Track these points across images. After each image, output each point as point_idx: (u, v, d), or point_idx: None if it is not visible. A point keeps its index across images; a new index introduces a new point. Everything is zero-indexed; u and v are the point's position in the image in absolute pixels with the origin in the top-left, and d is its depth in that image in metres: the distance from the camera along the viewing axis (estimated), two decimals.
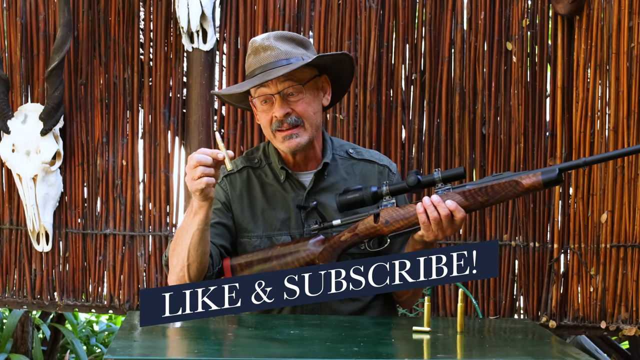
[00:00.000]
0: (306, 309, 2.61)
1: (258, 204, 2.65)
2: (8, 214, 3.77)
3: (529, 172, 2.40)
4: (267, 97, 2.57)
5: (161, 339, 2.20)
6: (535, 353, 2.12)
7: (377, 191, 2.48)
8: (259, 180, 2.67)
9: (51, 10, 3.72)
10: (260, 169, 2.69)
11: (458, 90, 3.64)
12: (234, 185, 2.68)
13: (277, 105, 2.56)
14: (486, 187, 2.42)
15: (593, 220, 3.59)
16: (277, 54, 2.58)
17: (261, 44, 2.59)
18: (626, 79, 3.55)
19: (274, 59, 2.57)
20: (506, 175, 2.42)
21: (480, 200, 2.43)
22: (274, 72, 2.54)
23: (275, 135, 2.59)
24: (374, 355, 2.03)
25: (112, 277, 3.75)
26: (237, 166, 2.70)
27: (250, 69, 2.60)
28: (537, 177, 2.39)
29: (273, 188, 2.65)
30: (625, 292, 3.57)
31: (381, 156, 2.77)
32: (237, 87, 2.65)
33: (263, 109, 2.59)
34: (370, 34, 3.64)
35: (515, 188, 2.40)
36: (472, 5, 3.64)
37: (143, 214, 3.75)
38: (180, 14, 3.57)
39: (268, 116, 2.58)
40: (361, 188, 2.49)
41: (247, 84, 2.59)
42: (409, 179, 2.45)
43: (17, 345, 4.70)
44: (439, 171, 2.45)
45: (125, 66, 3.73)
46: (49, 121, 3.61)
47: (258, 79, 2.55)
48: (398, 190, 2.49)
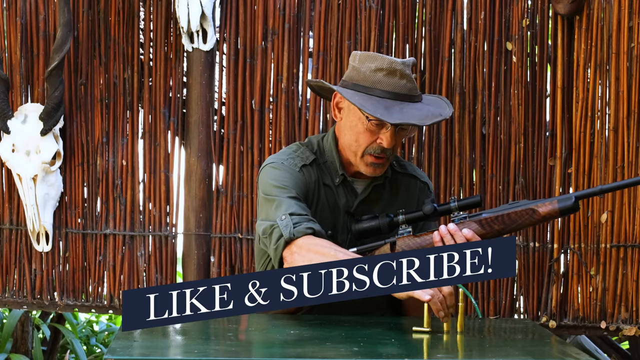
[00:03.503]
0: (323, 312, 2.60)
1: (320, 201, 2.64)
2: (8, 214, 3.77)
3: (545, 200, 2.44)
4: (384, 124, 2.55)
5: (161, 339, 2.20)
6: (535, 353, 2.12)
7: (393, 219, 2.49)
8: (320, 177, 2.66)
9: (51, 10, 3.72)
10: (323, 166, 2.68)
11: (458, 90, 3.64)
12: (306, 176, 2.63)
13: (390, 135, 2.53)
14: (502, 215, 2.44)
15: (593, 220, 3.59)
16: (412, 87, 2.58)
17: (402, 70, 2.55)
18: (626, 79, 3.54)
19: (408, 92, 2.56)
20: (522, 204, 2.44)
21: (497, 229, 2.44)
22: (426, 119, 2.51)
23: (365, 156, 2.57)
24: (374, 355, 2.03)
25: (112, 277, 3.75)
26: (307, 158, 2.67)
27: (377, 85, 2.55)
28: (554, 205, 2.41)
29: (328, 189, 2.65)
30: (625, 292, 3.57)
31: (421, 172, 2.80)
32: (374, 108, 2.52)
33: (370, 129, 2.55)
34: (370, 34, 3.64)
35: (532, 216, 2.43)
36: (472, 5, 3.64)
37: (143, 214, 3.75)
38: (180, 14, 3.57)
39: (372, 137, 2.55)
40: (377, 216, 2.50)
41: (396, 117, 2.49)
42: (425, 208, 2.47)
43: (17, 345, 4.70)
44: (455, 199, 2.47)
45: (125, 66, 3.73)
46: (49, 121, 3.61)
47: (403, 114, 2.49)
48: (414, 219, 2.50)
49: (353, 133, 2.58)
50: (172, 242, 3.73)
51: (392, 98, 2.53)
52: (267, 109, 3.66)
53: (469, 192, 3.65)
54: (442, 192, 3.65)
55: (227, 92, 3.71)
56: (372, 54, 2.61)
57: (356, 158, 2.59)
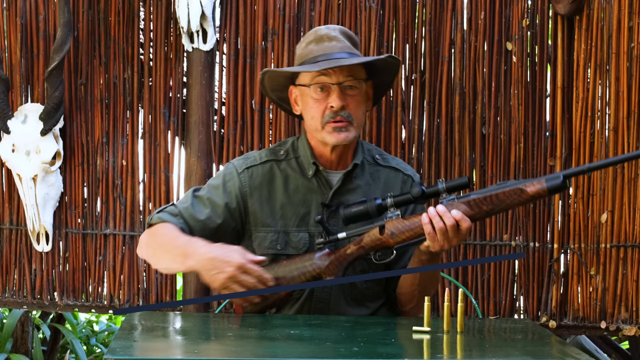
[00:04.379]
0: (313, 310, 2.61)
1: (278, 199, 2.64)
2: (8, 214, 3.77)
3: (533, 179, 2.41)
4: (325, 85, 2.56)
5: (161, 339, 2.20)
6: (535, 353, 2.12)
7: (381, 203, 2.48)
8: (283, 174, 2.66)
9: (51, 10, 3.72)
10: (286, 162, 2.67)
11: (458, 90, 3.64)
12: (254, 177, 2.65)
13: (336, 96, 2.55)
14: (491, 195, 2.43)
15: (593, 220, 3.59)
16: (343, 46, 2.58)
17: (327, 33, 2.59)
18: (626, 79, 3.54)
19: (339, 50, 2.57)
20: (510, 184, 2.42)
21: (486, 209, 2.43)
22: (345, 61, 2.53)
23: (325, 126, 2.58)
24: (374, 355, 2.03)
25: (112, 277, 3.75)
26: (260, 158, 2.69)
27: (310, 55, 2.58)
28: (542, 184, 2.39)
29: (297, 182, 2.64)
30: (625, 292, 3.57)
31: (406, 165, 2.77)
32: (311, 66, 2.59)
33: (317, 98, 2.57)
34: (370, 34, 3.64)
35: (520, 196, 2.41)
36: (472, 5, 3.64)
37: (143, 214, 3.75)
38: (180, 14, 3.57)
39: (322, 105, 2.57)
40: (365, 200, 2.49)
41: (325, 64, 2.54)
42: (413, 190, 2.46)
43: (17, 345, 4.70)
44: (443, 181, 2.46)
45: (125, 66, 3.73)
46: (49, 121, 3.61)
47: (329, 63, 2.52)
48: (402, 202, 2.49)
49: (308, 112, 2.60)
50: None
51: (324, 60, 2.55)
52: (267, 109, 3.66)
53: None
54: None
55: (227, 92, 3.71)
56: (303, 37, 2.68)
57: (320, 133, 2.59)
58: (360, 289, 2.62)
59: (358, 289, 2.62)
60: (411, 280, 2.57)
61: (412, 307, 2.67)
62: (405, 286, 2.61)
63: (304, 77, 2.59)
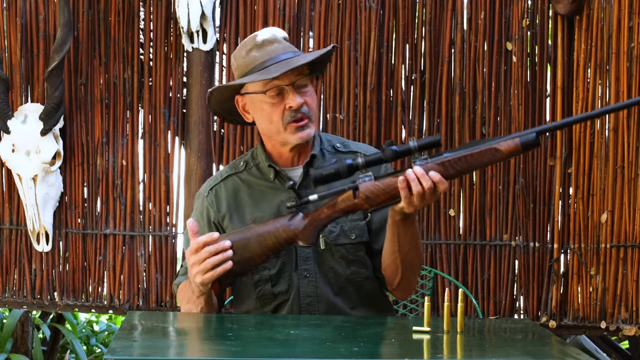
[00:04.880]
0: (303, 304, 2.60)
1: (247, 210, 2.63)
2: (8, 214, 3.77)
3: (506, 137, 2.38)
4: (280, 88, 2.55)
5: (161, 339, 2.20)
6: (535, 353, 2.12)
7: (352, 163, 2.44)
8: (246, 184, 2.65)
9: (51, 10, 3.72)
10: (247, 171, 2.67)
11: (458, 90, 3.64)
12: (219, 195, 2.66)
13: (293, 95, 2.54)
14: (465, 155, 2.38)
15: (593, 220, 3.59)
16: (285, 46, 2.58)
17: (265, 37, 2.58)
18: (626, 79, 3.54)
19: (283, 51, 2.56)
20: (484, 143, 2.39)
21: (460, 169, 2.40)
22: (299, 59, 2.52)
23: (287, 127, 2.56)
24: (374, 355, 2.03)
25: (112, 277, 3.75)
26: (221, 176, 2.70)
27: (255, 62, 2.57)
28: (516, 142, 2.37)
29: (261, 187, 2.64)
30: (625, 292, 3.57)
31: (370, 148, 2.73)
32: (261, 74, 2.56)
33: (274, 102, 2.56)
34: (370, 34, 3.64)
35: (495, 155, 2.38)
36: (472, 5, 3.64)
37: (143, 214, 3.75)
38: (180, 14, 3.57)
39: (279, 108, 2.55)
40: (336, 161, 2.45)
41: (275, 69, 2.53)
42: (385, 151, 2.42)
43: (17, 345, 4.70)
44: (414, 139, 2.42)
45: (125, 66, 3.73)
46: (49, 121, 3.61)
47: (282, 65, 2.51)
48: (374, 162, 2.44)
49: (265, 117, 2.59)
50: (172, 242, 3.73)
51: (272, 63, 2.54)
52: None
53: (469, 192, 3.65)
54: None
55: None
56: (238, 47, 2.65)
57: (282, 135, 2.57)
58: (344, 275, 2.61)
59: (343, 276, 2.61)
60: (391, 247, 2.54)
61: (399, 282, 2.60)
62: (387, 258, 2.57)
63: (255, 84, 2.58)
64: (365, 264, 2.63)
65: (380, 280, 2.67)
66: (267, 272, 2.59)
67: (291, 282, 2.59)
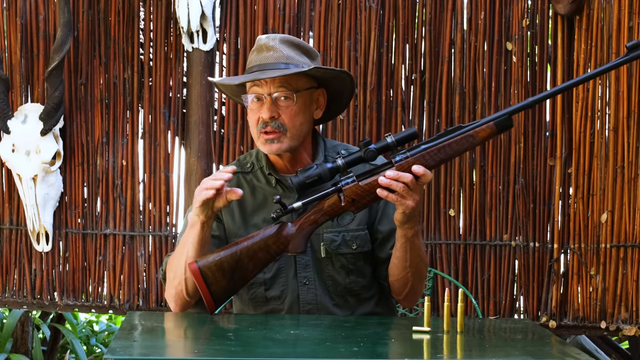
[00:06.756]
0: (303, 311, 2.60)
1: (248, 209, 2.63)
2: (8, 214, 3.77)
3: (480, 121, 2.42)
4: (258, 95, 2.56)
5: (161, 339, 2.20)
6: (535, 353, 2.12)
7: (333, 166, 2.46)
8: (250, 185, 2.65)
9: (51, 10, 3.72)
10: (252, 174, 2.67)
11: (458, 90, 3.65)
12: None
13: (265, 107, 2.55)
14: (444, 146, 2.43)
15: (593, 220, 3.59)
16: (279, 56, 2.57)
17: (265, 43, 2.58)
18: (626, 79, 3.55)
19: (274, 61, 2.56)
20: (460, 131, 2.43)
21: (439, 160, 2.44)
22: (268, 73, 2.53)
23: (259, 136, 2.58)
24: (374, 355, 2.03)
25: (112, 277, 3.75)
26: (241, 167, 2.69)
27: (249, 65, 2.60)
28: (490, 126, 2.42)
29: (264, 192, 2.64)
30: (625, 292, 3.57)
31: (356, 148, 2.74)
32: (231, 79, 2.66)
33: (252, 108, 2.58)
34: (370, 34, 3.65)
35: (472, 141, 2.44)
36: (472, 5, 3.64)
37: (143, 214, 3.75)
38: (180, 14, 3.57)
39: (256, 116, 2.57)
40: (317, 166, 2.46)
41: (241, 78, 2.60)
42: (365, 153, 2.44)
43: (17, 345, 4.70)
44: (391, 135, 2.44)
45: (125, 66, 3.73)
46: (49, 121, 3.61)
47: (252, 75, 2.55)
48: (354, 162, 2.46)
49: (250, 120, 2.62)
50: (172, 242, 3.73)
51: (257, 70, 2.55)
52: None
53: (469, 192, 3.66)
54: (442, 192, 3.65)
55: None
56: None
57: (258, 143, 2.59)
58: (343, 284, 2.61)
59: (342, 285, 2.61)
60: (402, 264, 2.55)
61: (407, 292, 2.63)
62: (397, 272, 2.58)
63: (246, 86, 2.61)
64: (363, 273, 2.64)
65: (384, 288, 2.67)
66: (262, 276, 2.59)
67: (285, 288, 2.59)
